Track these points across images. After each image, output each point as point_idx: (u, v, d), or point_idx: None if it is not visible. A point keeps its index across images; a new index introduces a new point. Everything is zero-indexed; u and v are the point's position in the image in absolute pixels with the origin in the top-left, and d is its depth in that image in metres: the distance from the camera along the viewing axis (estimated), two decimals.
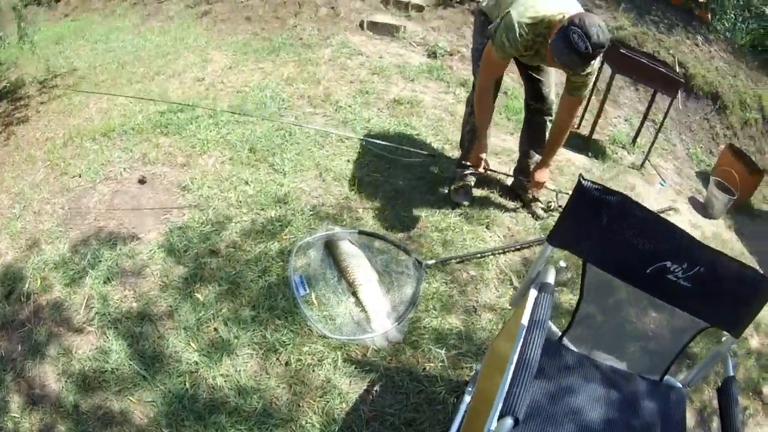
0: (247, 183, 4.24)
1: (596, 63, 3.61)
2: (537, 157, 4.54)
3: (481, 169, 4.24)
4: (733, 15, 11.34)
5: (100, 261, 3.53)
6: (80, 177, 4.47)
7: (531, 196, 4.68)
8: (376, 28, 8.48)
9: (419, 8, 8.94)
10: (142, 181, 4.32)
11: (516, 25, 3.46)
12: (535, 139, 4.54)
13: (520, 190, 4.75)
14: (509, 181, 4.82)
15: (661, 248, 2.18)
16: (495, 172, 4.58)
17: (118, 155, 4.70)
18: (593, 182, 2.06)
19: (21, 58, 7.78)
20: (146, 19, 9.86)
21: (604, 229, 2.17)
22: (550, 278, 2.17)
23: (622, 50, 6.17)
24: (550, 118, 4.41)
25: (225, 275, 3.45)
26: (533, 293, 2.10)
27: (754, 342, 4.45)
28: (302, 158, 4.64)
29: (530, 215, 4.63)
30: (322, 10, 8.88)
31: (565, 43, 3.22)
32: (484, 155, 4.19)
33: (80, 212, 4.06)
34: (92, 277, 3.44)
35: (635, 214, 2.15)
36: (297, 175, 4.41)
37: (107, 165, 4.57)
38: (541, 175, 4.30)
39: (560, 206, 4.59)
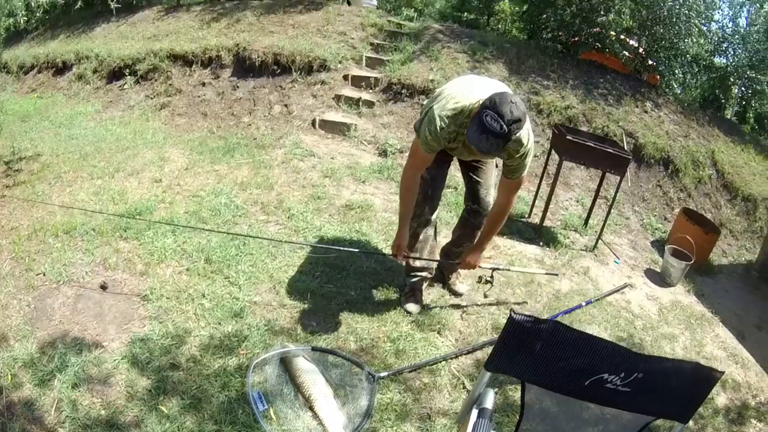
0: (204, 296, 4.41)
1: (528, 143, 3.71)
2: (468, 246, 4.64)
3: (401, 259, 4.33)
4: (681, 74, 11.79)
5: (67, 366, 3.64)
6: (44, 275, 4.60)
7: (452, 276, 4.94)
8: (327, 126, 8.70)
9: (369, 104, 9.20)
10: (103, 287, 4.48)
11: (437, 118, 3.63)
12: (468, 237, 4.67)
13: (445, 270, 4.99)
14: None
15: (596, 363, 2.26)
16: (420, 258, 4.64)
17: (80, 257, 4.87)
18: (524, 315, 2.22)
19: None
20: (108, 106, 10.09)
21: (538, 354, 2.28)
22: (489, 403, 2.34)
23: (568, 137, 6.31)
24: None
25: (187, 389, 3.57)
26: (473, 416, 2.29)
27: (721, 399, 4.72)
28: (256, 270, 4.83)
29: (452, 294, 4.90)
30: (275, 108, 9.14)
31: (480, 128, 3.27)
32: (404, 244, 4.26)
33: (46, 313, 4.18)
34: (61, 381, 3.54)
35: (567, 338, 2.25)
36: (252, 288, 4.59)
37: (69, 266, 4.73)
38: (474, 258, 4.38)
39: (490, 280, 4.93)
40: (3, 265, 4.81)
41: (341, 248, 5.07)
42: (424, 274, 4.78)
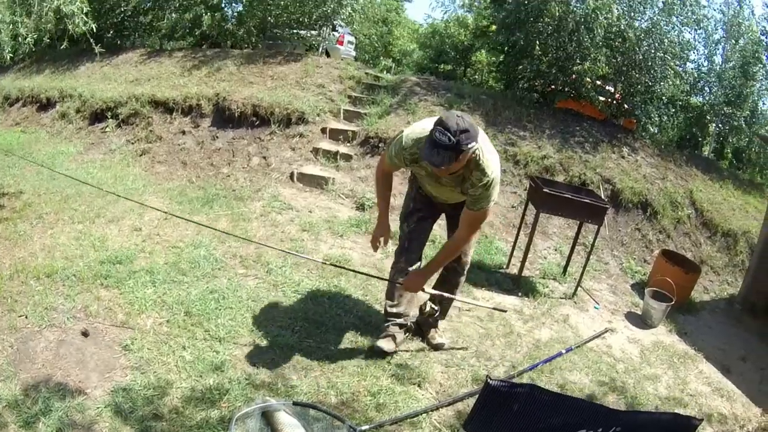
0: (184, 348, 4.48)
1: (492, 173, 3.96)
2: (446, 305, 4.94)
3: (378, 251, 4.75)
4: (657, 116, 11.95)
5: (51, 410, 3.66)
6: (26, 318, 4.65)
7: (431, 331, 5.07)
8: (305, 179, 8.83)
9: (347, 157, 9.39)
10: (85, 334, 4.55)
11: (403, 138, 4.10)
12: (447, 281, 4.88)
13: (423, 326, 5.16)
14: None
15: (574, 421, 2.36)
16: (383, 279, 5.05)
17: (61, 302, 4.93)
18: (501, 380, 2.33)
19: None
20: (90, 148, 10.18)
21: (516, 414, 2.38)
22: None
23: (545, 190, 6.40)
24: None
25: None
26: None
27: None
28: (236, 324, 4.90)
29: (431, 348, 5.00)
30: (254, 159, 9.29)
31: (431, 143, 3.58)
32: (378, 235, 4.67)
33: (29, 355, 4.22)
34: (45, 425, 3.55)
35: (544, 399, 2.36)
36: (232, 342, 4.66)
37: (51, 311, 4.78)
38: (414, 281, 4.48)
39: (435, 309, 4.84)
40: None
41: (318, 309, 5.22)
42: (400, 320, 4.91)
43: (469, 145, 3.64)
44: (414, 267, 4.66)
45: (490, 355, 5.14)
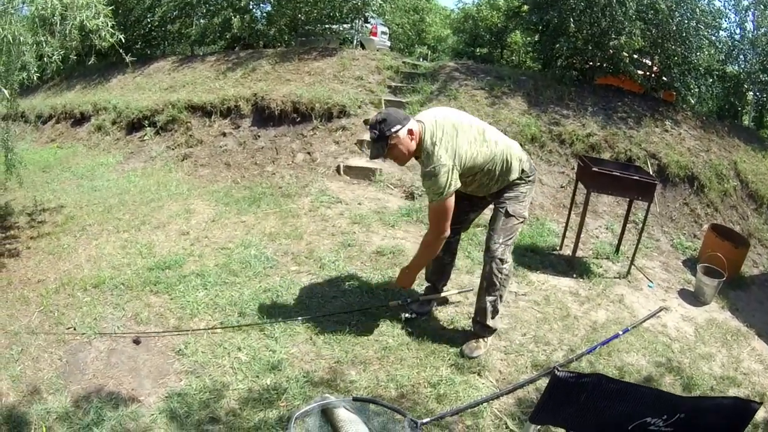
0: (239, 349, 4.34)
1: (437, 160, 4.00)
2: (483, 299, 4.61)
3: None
4: (696, 87, 11.64)
5: (104, 420, 3.58)
6: (75, 330, 4.57)
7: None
8: (352, 172, 8.70)
9: None
10: (136, 342, 4.43)
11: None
12: (482, 280, 4.63)
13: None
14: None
15: (638, 409, 2.31)
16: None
17: (110, 312, 4.83)
18: (568, 371, 2.23)
19: (9, 180, 7.88)
20: (129, 157, 10.15)
21: (583, 404, 2.32)
22: None
23: (594, 169, 6.27)
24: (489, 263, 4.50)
25: None
26: None
27: (761, 413, 4.52)
28: (291, 322, 4.75)
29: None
30: (298, 156, 9.15)
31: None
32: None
33: (78, 367, 4.14)
34: None
35: (610, 388, 2.30)
36: (288, 340, 4.51)
37: (100, 320, 4.70)
38: (403, 276, 4.64)
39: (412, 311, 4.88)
40: (32, 317, 4.82)
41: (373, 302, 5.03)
42: (429, 286, 5.24)
43: (393, 130, 3.99)
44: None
45: (548, 340, 4.99)
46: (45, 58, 6.02)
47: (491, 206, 4.68)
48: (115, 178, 9.20)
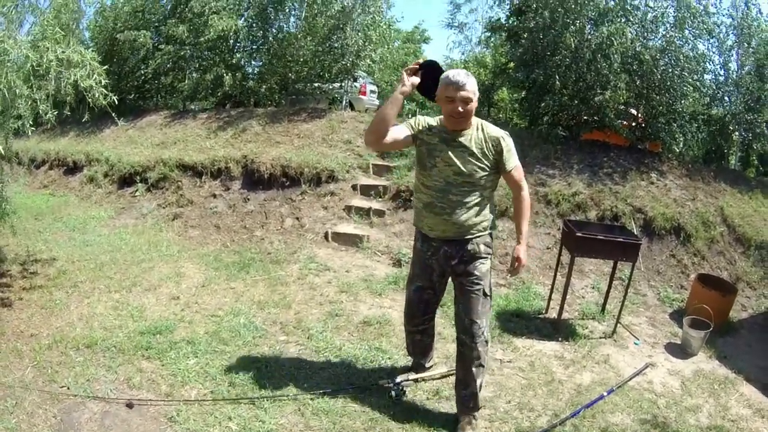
0: (230, 419, 4.42)
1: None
2: (472, 386, 4.52)
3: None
4: (682, 135, 11.64)
5: None
6: (68, 389, 4.66)
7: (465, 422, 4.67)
8: (340, 238, 8.83)
9: (380, 213, 9.36)
10: (129, 406, 4.51)
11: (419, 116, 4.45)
12: (469, 375, 4.51)
13: (459, 413, 4.70)
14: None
15: None
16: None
17: (103, 374, 4.93)
18: None
19: (2, 227, 7.91)
20: (121, 213, 10.31)
21: None
22: None
23: (578, 234, 6.38)
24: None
25: None
26: None
27: None
28: (280, 393, 4.83)
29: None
30: (287, 221, 9.30)
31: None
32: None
33: (73, 426, 4.21)
34: None
35: None
36: (277, 411, 4.59)
37: (93, 382, 4.79)
38: (521, 253, 4.42)
39: (398, 394, 4.84)
40: (26, 371, 4.91)
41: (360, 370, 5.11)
42: (414, 362, 5.31)
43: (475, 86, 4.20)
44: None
45: (532, 406, 5.05)
46: (40, 111, 6.14)
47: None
48: (106, 233, 9.32)
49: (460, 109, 4.12)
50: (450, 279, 4.66)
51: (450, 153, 4.24)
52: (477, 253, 4.40)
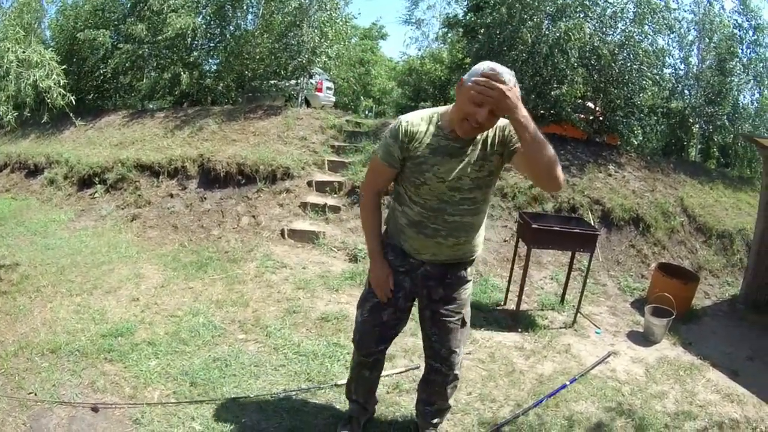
0: (193, 419, 4.53)
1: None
2: (441, 404, 4.22)
3: (384, 297, 3.72)
4: (640, 128, 12.11)
5: None
6: (36, 395, 4.72)
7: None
8: (296, 235, 8.99)
9: (335, 209, 9.56)
10: (95, 410, 4.61)
11: (402, 123, 3.43)
12: (440, 395, 4.15)
13: (420, 426, 4.37)
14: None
15: None
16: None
17: (68, 378, 5.00)
18: None
19: None
20: (80, 215, 10.33)
21: None
22: None
23: (534, 226, 6.47)
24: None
25: None
26: None
27: None
28: (241, 391, 4.96)
29: None
30: (243, 219, 9.44)
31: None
32: (382, 276, 3.70)
33: None
34: None
35: None
36: (238, 409, 4.70)
37: (59, 387, 4.86)
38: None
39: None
40: None
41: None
42: (355, 406, 4.48)
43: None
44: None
45: (494, 397, 5.13)
46: (0, 113, 6.16)
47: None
48: (67, 236, 9.36)
49: (483, 120, 3.15)
50: (417, 303, 3.93)
51: (447, 167, 3.36)
52: (463, 278, 3.78)
